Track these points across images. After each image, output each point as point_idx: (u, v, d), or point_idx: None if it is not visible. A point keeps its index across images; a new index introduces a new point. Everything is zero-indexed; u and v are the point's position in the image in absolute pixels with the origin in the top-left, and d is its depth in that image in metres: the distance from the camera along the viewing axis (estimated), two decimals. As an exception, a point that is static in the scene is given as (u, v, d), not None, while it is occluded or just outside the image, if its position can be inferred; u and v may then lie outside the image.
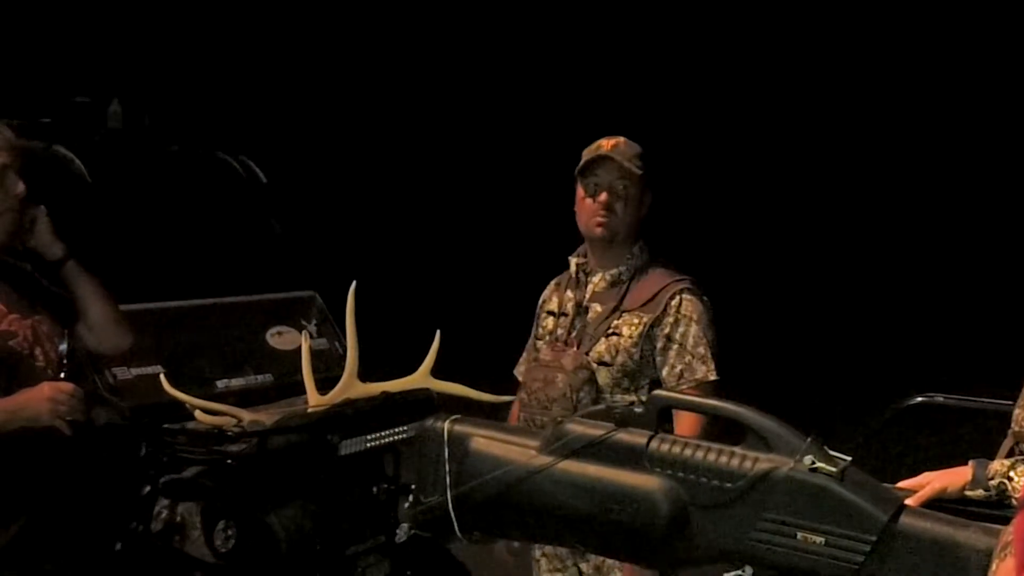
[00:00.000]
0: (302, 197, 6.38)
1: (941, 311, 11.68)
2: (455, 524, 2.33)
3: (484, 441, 2.32)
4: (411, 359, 3.79)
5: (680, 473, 2.14)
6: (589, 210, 3.25)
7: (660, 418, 2.22)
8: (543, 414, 3.14)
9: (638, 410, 2.23)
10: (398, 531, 2.45)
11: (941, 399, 3.49)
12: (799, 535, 2.06)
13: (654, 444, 2.17)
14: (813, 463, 2.06)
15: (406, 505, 2.42)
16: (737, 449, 2.13)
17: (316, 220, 7.17)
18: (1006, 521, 2.05)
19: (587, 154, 3.31)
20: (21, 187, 2.96)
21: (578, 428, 2.24)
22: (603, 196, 3.22)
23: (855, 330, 11.68)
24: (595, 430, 2.22)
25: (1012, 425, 2.57)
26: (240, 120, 9.52)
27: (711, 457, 2.13)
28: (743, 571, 2.12)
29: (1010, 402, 2.67)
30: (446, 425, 2.36)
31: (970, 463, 2.30)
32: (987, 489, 2.13)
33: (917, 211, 13.05)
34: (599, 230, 3.23)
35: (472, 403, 3.48)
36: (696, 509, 2.12)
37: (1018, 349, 2.86)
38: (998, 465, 2.16)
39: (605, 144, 3.29)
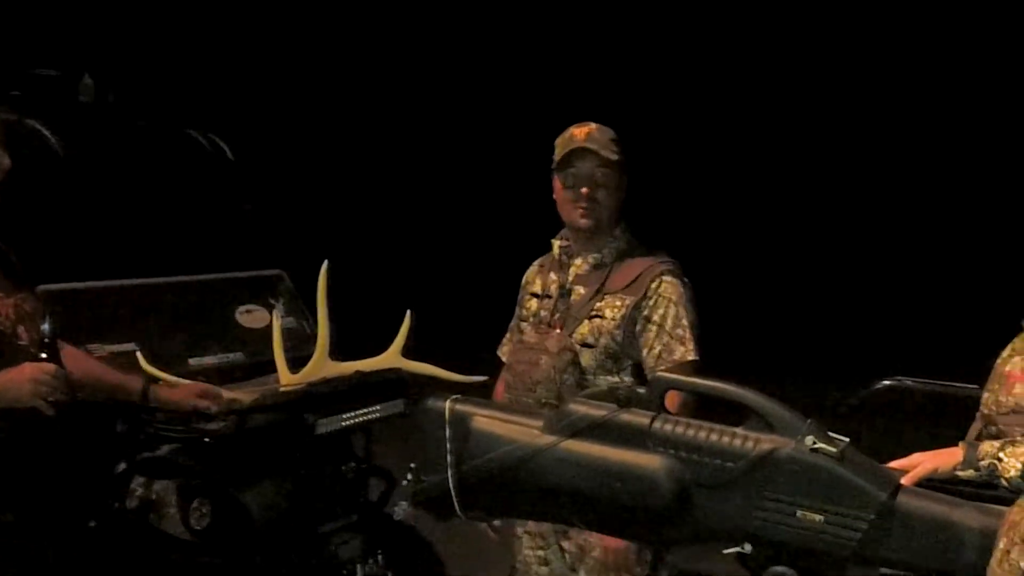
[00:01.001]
0: (271, 175, 6.35)
1: (912, 299, 11.89)
2: (456, 503, 2.36)
3: (486, 420, 2.35)
4: (380, 339, 3.80)
5: (683, 453, 2.18)
6: (571, 202, 3.27)
7: (662, 400, 2.26)
8: (528, 395, 3.17)
9: (641, 391, 2.27)
10: (397, 508, 2.47)
11: (910, 383, 3.57)
12: (799, 513, 2.11)
13: (657, 424, 2.21)
14: (814, 444, 2.12)
15: (405, 483, 2.44)
16: (739, 430, 2.18)
17: (285, 198, 7.13)
18: (997, 501, 2.13)
19: (562, 145, 3.32)
20: (7, 161, 2.92)
21: (581, 408, 2.28)
22: (584, 188, 3.25)
23: (828, 315, 11.88)
24: (598, 410, 2.25)
25: (981, 408, 2.65)
26: (209, 97, 9.46)
27: (714, 437, 2.18)
28: (743, 548, 2.17)
29: (976, 386, 2.76)
30: (448, 404, 2.38)
31: (960, 444, 2.37)
32: (977, 469, 2.19)
33: (892, 201, 13.26)
34: (583, 221, 3.26)
35: (442, 383, 3.51)
36: (698, 488, 2.17)
37: (985, 336, 2.94)
38: (988, 446, 2.22)
39: (579, 133, 3.30)
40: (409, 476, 2.43)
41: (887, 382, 3.58)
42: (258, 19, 12.59)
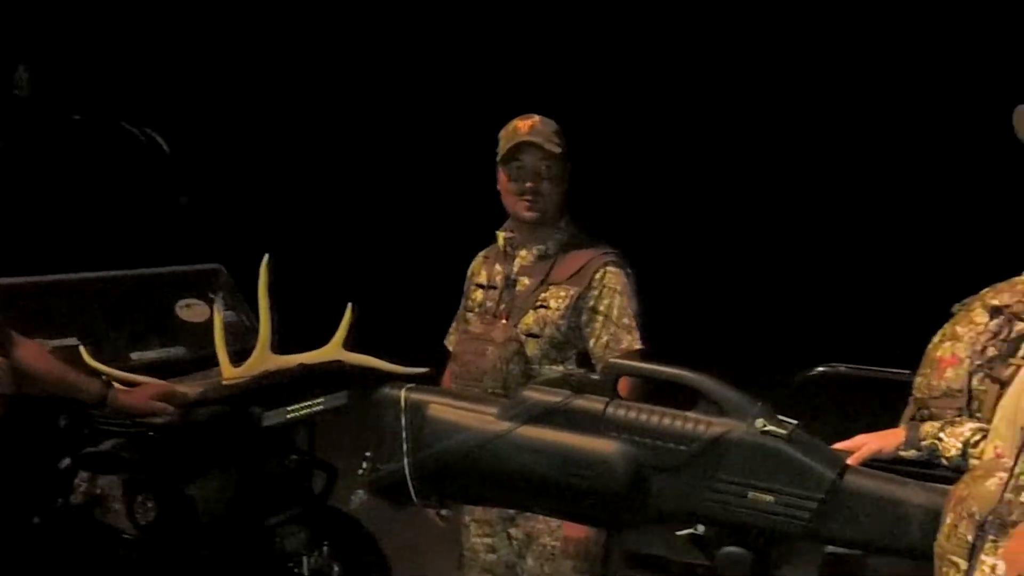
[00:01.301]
0: (208, 169, 6.30)
1: (846, 288, 12.06)
2: (412, 490, 2.37)
3: (441, 408, 2.37)
4: (320, 332, 3.81)
5: (637, 437, 2.22)
6: (516, 194, 3.32)
7: (615, 385, 2.30)
8: (474, 385, 3.21)
9: (594, 377, 2.31)
10: (353, 497, 2.49)
11: (844, 369, 3.64)
12: (751, 494, 2.16)
13: (611, 409, 2.24)
14: (764, 426, 2.17)
15: (360, 472, 2.46)
16: (691, 414, 2.22)
17: (221, 192, 7.08)
18: (939, 479, 2.20)
19: (506, 138, 3.35)
20: None
21: (536, 395, 2.31)
22: (529, 181, 3.29)
23: (762, 304, 12.03)
24: (553, 396, 2.28)
25: (914, 392, 2.72)
26: (145, 91, 9.34)
27: (666, 421, 2.22)
28: (696, 529, 2.22)
29: (908, 371, 2.84)
30: (403, 393, 2.40)
31: (902, 425, 2.45)
32: (919, 449, 2.26)
33: (826, 190, 13.41)
34: (528, 214, 3.31)
35: (384, 376, 3.53)
36: (652, 471, 2.21)
37: (916, 324, 3.02)
38: (929, 427, 2.29)
39: (523, 126, 3.34)
40: (364, 465, 2.44)
41: (822, 368, 3.65)
42: (192, 11, 12.43)
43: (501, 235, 3.41)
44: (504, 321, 3.28)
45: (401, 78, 13.91)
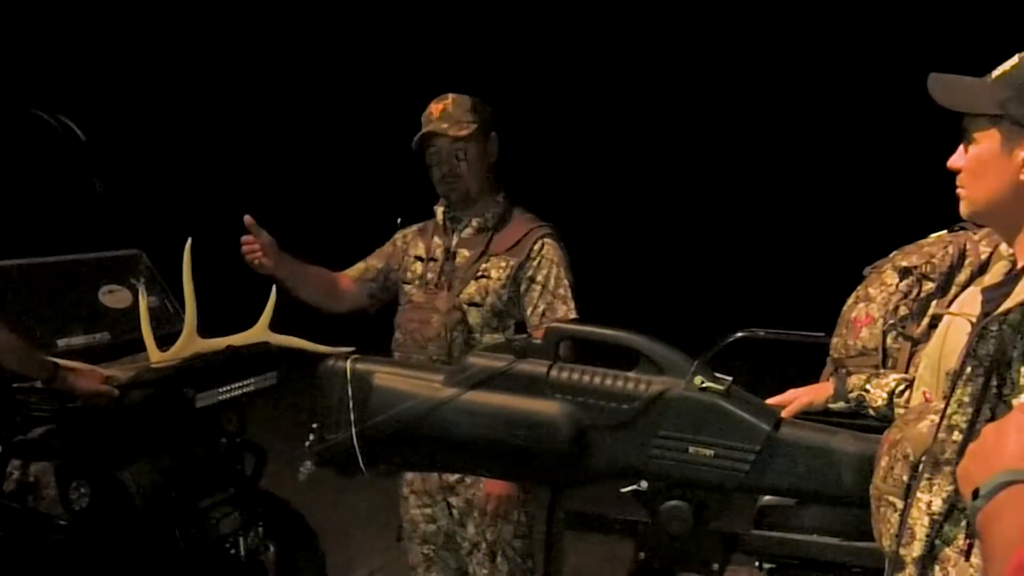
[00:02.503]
0: (124, 155, 6.23)
1: (761, 259, 12.25)
2: (360, 459, 2.42)
3: (387, 377, 2.42)
4: (242, 316, 3.83)
5: (580, 398, 2.30)
6: (436, 177, 3.40)
7: (557, 349, 2.37)
8: (419, 353, 3.26)
9: (536, 342, 2.38)
10: (301, 468, 2.52)
11: (762, 333, 3.75)
12: (691, 449, 2.25)
13: (554, 372, 2.32)
14: (702, 383, 2.26)
15: (307, 443, 2.49)
16: (631, 374, 2.30)
17: (138, 178, 7.00)
18: (866, 429, 2.31)
19: (423, 123, 3.41)
20: None
21: (480, 361, 2.37)
22: (444, 167, 3.36)
23: (682, 273, 12.19)
24: (497, 362, 2.35)
25: (831, 352, 2.84)
26: (57, 77, 9.13)
27: (608, 382, 2.30)
28: (639, 485, 2.30)
29: (823, 334, 2.95)
30: (348, 364, 2.45)
31: (830, 378, 2.55)
32: (847, 401, 2.36)
33: (743, 159, 13.60)
34: (451, 195, 3.39)
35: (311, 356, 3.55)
36: (596, 430, 2.29)
37: (831, 290, 3.14)
38: (855, 379, 2.39)
39: (435, 110, 3.39)
40: (311, 436, 2.48)
41: (740, 333, 3.74)
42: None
43: (439, 210, 3.46)
44: (446, 291, 3.34)
45: (326, 56, 13.79)
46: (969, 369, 1.79)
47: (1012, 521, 1.19)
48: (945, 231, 2.80)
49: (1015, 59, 1.83)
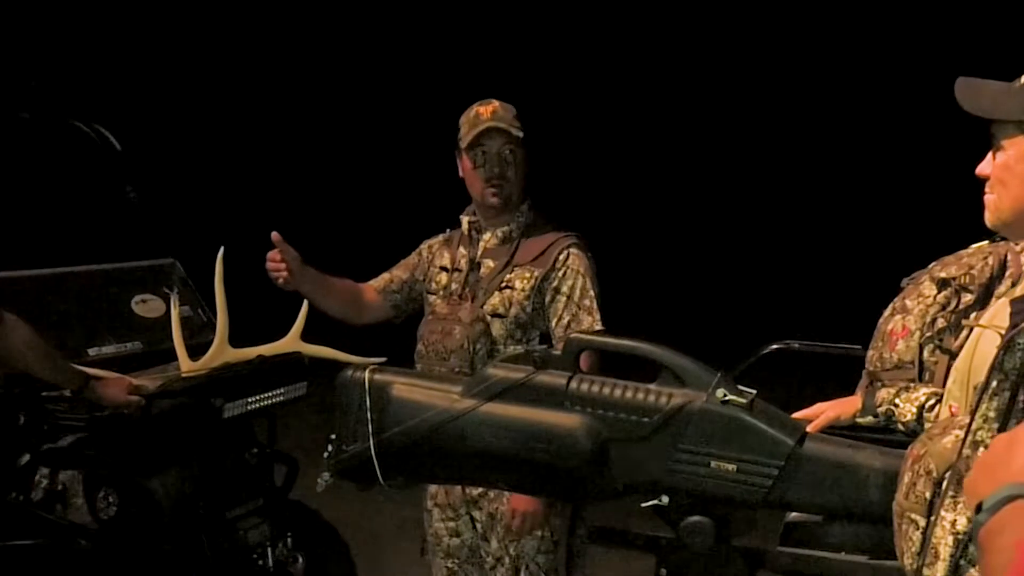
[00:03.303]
0: (158, 164, 6.26)
1: (797, 270, 12.16)
2: (378, 471, 2.40)
3: (406, 388, 2.39)
4: (277, 325, 3.82)
5: (600, 410, 2.25)
6: (482, 180, 3.34)
7: (577, 360, 2.33)
8: (441, 365, 3.23)
9: (556, 352, 2.34)
10: (320, 479, 2.50)
11: (797, 346, 3.69)
12: (713, 463, 2.20)
13: (574, 384, 2.28)
14: (725, 396, 2.21)
15: (326, 455, 2.47)
16: (652, 386, 2.25)
17: (172, 188, 7.04)
18: (895, 444, 2.25)
19: (468, 124, 3.37)
20: None
21: (499, 372, 2.34)
22: (496, 167, 3.32)
23: (717, 284, 12.12)
24: (516, 373, 2.31)
25: (867, 365, 2.77)
26: (94, 88, 9.22)
27: (628, 394, 2.25)
28: (660, 500, 2.26)
29: (859, 346, 2.89)
30: (367, 374, 2.42)
31: (858, 392, 2.49)
32: (876, 415, 2.30)
33: (780, 169, 13.50)
34: (494, 200, 3.34)
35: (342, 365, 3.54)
36: (615, 444, 2.25)
37: (866, 299, 3.08)
38: (885, 393, 2.33)
39: (483, 112, 3.37)
40: (330, 447, 2.46)
41: (776, 345, 3.69)
42: (141, 9, 12.31)
43: (465, 220, 3.44)
44: (470, 303, 3.32)
45: (353, 70, 13.84)
46: (995, 383, 1.74)
47: (1012, 538, 1.13)
48: (986, 241, 2.73)
49: None
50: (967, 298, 2.69)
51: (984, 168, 1.85)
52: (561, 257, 3.30)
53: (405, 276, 3.54)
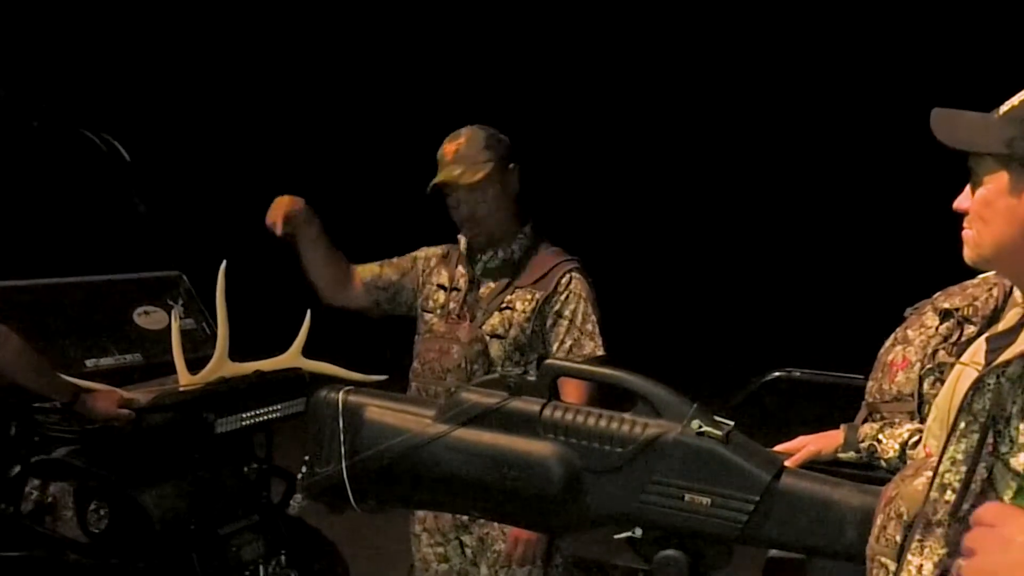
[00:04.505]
0: (167, 176, 6.28)
1: (800, 298, 12.09)
2: (350, 494, 2.35)
3: (379, 411, 2.35)
4: (280, 340, 3.80)
5: (573, 439, 2.20)
6: (458, 221, 3.34)
7: (552, 387, 2.29)
8: (437, 384, 3.21)
9: (531, 378, 2.29)
10: (292, 502, 2.47)
11: (798, 374, 3.65)
12: (687, 496, 2.14)
13: (547, 411, 2.23)
14: (700, 427, 2.15)
15: (300, 476, 2.43)
16: (627, 415, 2.20)
17: (181, 199, 7.05)
18: (877, 481, 2.19)
19: (438, 164, 3.33)
20: None
21: (472, 396, 2.29)
22: (461, 212, 3.30)
23: (718, 311, 12.04)
24: (489, 398, 2.26)
25: (866, 396, 2.71)
26: (102, 97, 9.29)
27: (602, 423, 2.20)
28: (634, 532, 2.20)
29: (860, 376, 2.83)
30: (340, 396, 2.38)
31: (841, 427, 2.43)
32: (858, 451, 2.25)
33: (778, 198, 13.44)
34: (473, 240, 3.34)
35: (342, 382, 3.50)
36: (588, 474, 2.19)
37: (868, 331, 3.03)
38: (867, 428, 2.28)
39: (448, 150, 3.30)
40: (304, 469, 2.43)
41: (777, 373, 3.66)
42: (151, 19, 12.40)
43: (463, 239, 3.41)
44: (468, 322, 3.29)
45: (356, 84, 13.88)
46: (963, 424, 1.67)
47: None
48: (992, 272, 2.67)
49: None
50: (970, 330, 2.63)
51: (962, 202, 1.78)
52: (564, 281, 3.27)
53: (395, 278, 3.50)
